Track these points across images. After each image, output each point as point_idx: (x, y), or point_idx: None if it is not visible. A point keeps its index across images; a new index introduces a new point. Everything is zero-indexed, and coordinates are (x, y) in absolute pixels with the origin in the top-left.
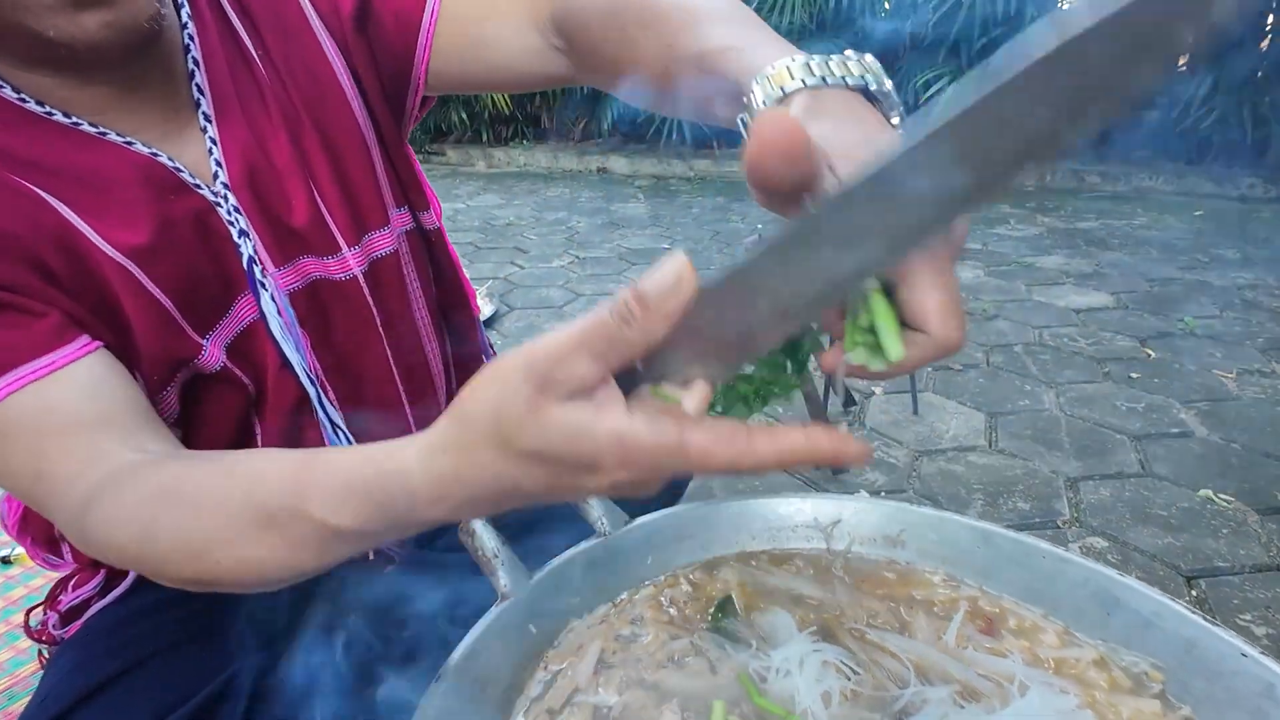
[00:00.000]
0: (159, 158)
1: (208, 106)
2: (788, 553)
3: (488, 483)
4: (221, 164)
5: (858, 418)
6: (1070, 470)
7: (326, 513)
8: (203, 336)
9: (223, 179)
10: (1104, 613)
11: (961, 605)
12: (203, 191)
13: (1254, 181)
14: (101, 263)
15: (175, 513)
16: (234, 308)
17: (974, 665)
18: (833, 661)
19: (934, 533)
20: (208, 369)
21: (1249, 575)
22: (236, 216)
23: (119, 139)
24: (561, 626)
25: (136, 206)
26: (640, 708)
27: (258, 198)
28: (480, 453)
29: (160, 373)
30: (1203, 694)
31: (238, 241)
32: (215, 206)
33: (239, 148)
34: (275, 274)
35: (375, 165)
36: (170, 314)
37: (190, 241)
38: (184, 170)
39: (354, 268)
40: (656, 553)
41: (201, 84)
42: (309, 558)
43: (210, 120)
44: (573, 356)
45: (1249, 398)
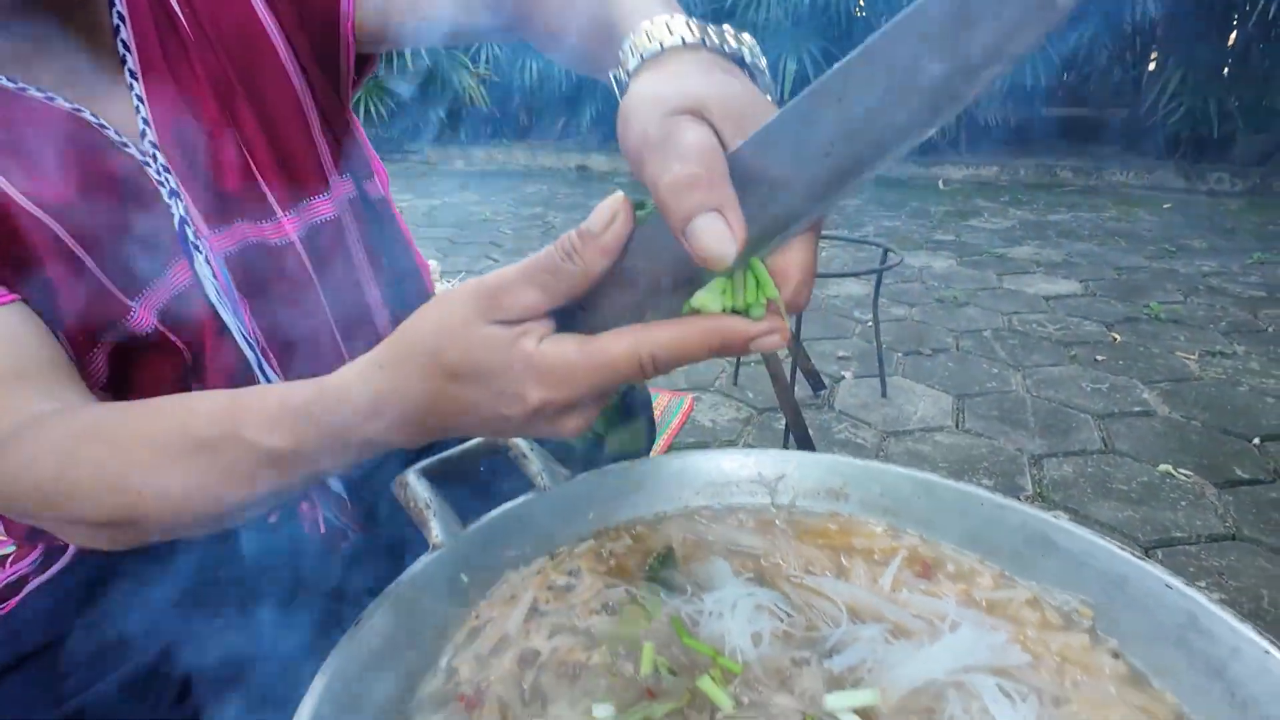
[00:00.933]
0: (82, 113)
1: (133, 63)
2: (731, 508)
3: (419, 399)
4: (149, 122)
5: (827, 401)
6: (1034, 448)
7: (260, 433)
8: (131, 298)
9: (151, 138)
10: (1039, 555)
11: (900, 552)
12: (130, 150)
13: (1221, 175)
14: (19, 217)
15: (96, 447)
16: (168, 271)
17: (907, 606)
18: (766, 605)
19: (877, 484)
20: (139, 332)
21: (1205, 544)
22: (166, 176)
23: (39, 94)
24: (496, 578)
25: (60, 162)
26: (569, 651)
27: (187, 158)
28: (414, 367)
29: (87, 333)
30: (1130, 627)
31: (168, 202)
32: (143, 166)
33: (167, 105)
34: (209, 236)
35: (313, 130)
36: (93, 273)
37: (116, 202)
38: (109, 128)
39: (290, 233)
40: (598, 508)
41: (127, 39)
42: (238, 487)
43: (137, 77)
44: (517, 286)
45: (1210, 378)
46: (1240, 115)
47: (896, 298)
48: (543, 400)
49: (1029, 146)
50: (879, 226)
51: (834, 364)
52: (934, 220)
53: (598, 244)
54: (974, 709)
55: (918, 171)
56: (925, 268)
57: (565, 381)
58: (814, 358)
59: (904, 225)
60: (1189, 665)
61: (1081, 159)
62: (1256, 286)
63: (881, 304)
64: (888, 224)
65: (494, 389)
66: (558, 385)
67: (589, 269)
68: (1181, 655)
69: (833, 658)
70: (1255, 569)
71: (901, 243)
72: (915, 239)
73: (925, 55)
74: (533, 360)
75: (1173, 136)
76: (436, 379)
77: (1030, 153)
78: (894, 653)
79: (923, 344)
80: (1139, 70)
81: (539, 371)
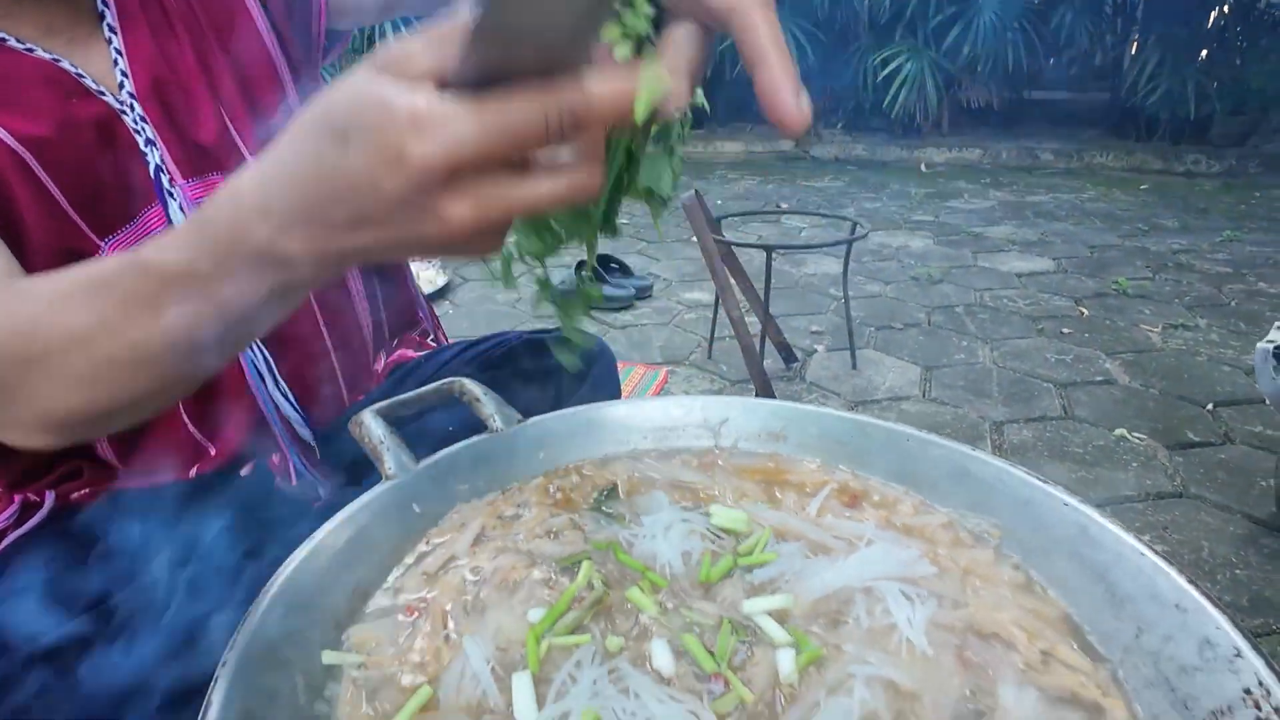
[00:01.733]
0: (60, 63)
1: (112, 17)
2: (677, 449)
3: (301, 174)
4: (127, 74)
5: (799, 373)
6: (997, 415)
7: (155, 252)
8: (101, 239)
9: (129, 89)
10: (957, 484)
11: (830, 484)
12: (107, 99)
13: (1198, 157)
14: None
15: (7, 299)
16: (140, 217)
17: (830, 530)
18: (698, 529)
19: (814, 427)
20: None
21: (1152, 502)
22: (143, 125)
23: (18, 45)
24: (448, 509)
25: (37, 104)
26: (511, 568)
27: (165, 109)
28: (302, 130)
29: (50, 266)
30: (1032, 543)
31: (144, 150)
32: (120, 115)
33: (145, 59)
34: (184, 185)
35: (286, 88)
36: (63, 209)
37: (92, 145)
38: (86, 77)
39: None
40: (548, 449)
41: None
42: (140, 318)
43: (115, 31)
44: (421, 41)
45: (1171, 349)
46: (1217, 97)
47: (873, 275)
48: (423, 159)
49: (1012, 129)
50: (860, 208)
51: (808, 338)
52: (914, 202)
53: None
54: (877, 610)
55: (901, 155)
56: (903, 247)
57: (450, 132)
58: (789, 332)
59: (884, 206)
60: (1079, 572)
61: (1063, 141)
62: (1223, 263)
63: (857, 281)
64: (869, 205)
65: (374, 144)
66: (440, 137)
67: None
68: (1073, 564)
69: (753, 571)
70: (1198, 523)
71: (881, 223)
72: (895, 219)
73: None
74: (415, 112)
75: (1152, 118)
76: (320, 141)
77: (1013, 136)
78: (811, 566)
79: (895, 319)
80: (1120, 52)
81: (419, 121)
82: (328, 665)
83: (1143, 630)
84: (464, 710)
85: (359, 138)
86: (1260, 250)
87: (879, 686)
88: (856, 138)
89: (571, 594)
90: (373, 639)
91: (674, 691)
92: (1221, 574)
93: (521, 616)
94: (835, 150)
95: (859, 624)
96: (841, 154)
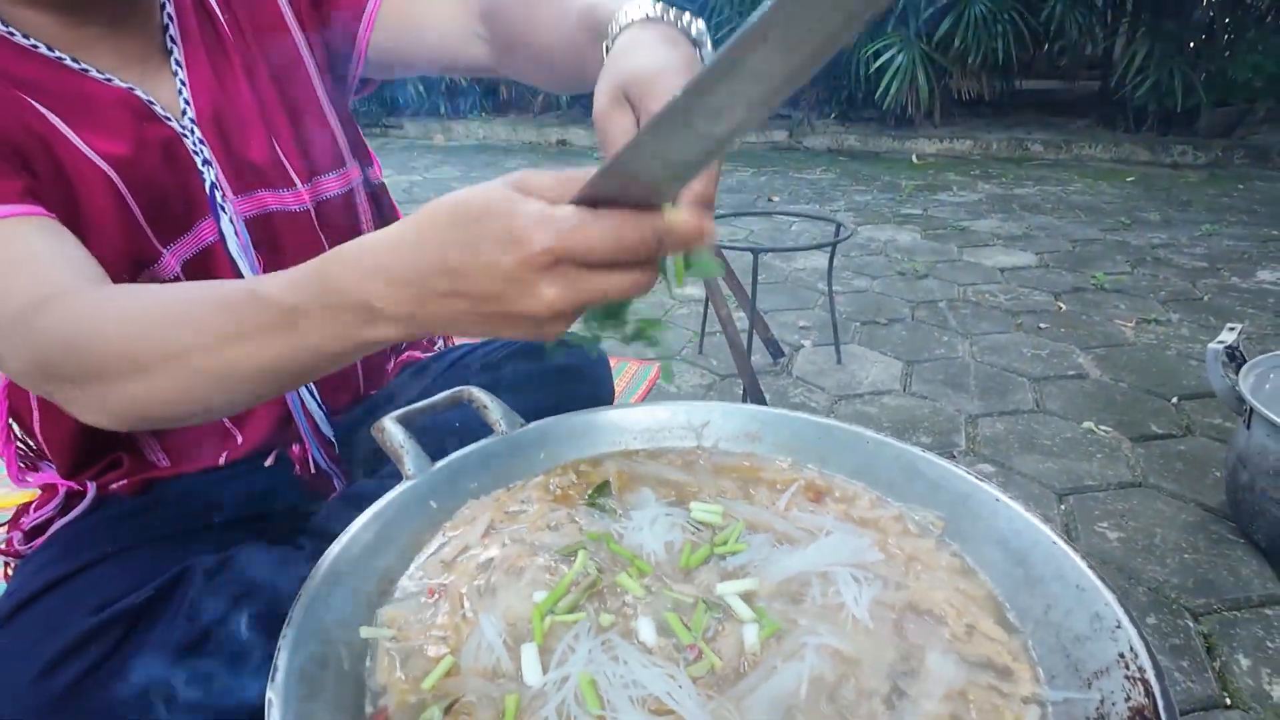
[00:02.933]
0: (134, 91)
1: (179, 53)
2: (663, 449)
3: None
4: (190, 102)
5: (785, 368)
6: (972, 409)
7: (273, 287)
8: (164, 246)
9: (190, 115)
10: (908, 480)
11: (798, 481)
12: (172, 124)
13: (1185, 148)
14: (81, 165)
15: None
16: (195, 228)
17: (795, 522)
18: (680, 522)
19: (786, 429)
20: (163, 278)
21: (1113, 491)
22: (201, 148)
23: (99, 75)
24: (460, 504)
25: (116, 125)
26: (516, 556)
27: (220, 133)
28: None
29: (119, 273)
30: (970, 533)
31: (202, 169)
32: (183, 137)
33: (205, 89)
34: (234, 201)
35: (329, 120)
36: (137, 219)
37: (159, 164)
38: (156, 104)
39: (307, 201)
40: (548, 449)
41: (174, 34)
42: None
43: (180, 65)
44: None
45: (1142, 343)
46: (1204, 89)
47: (860, 270)
48: (542, 245)
49: (1002, 120)
50: (850, 201)
51: (795, 333)
52: (903, 195)
53: None
54: (830, 591)
55: (893, 145)
56: (890, 241)
57: (572, 228)
58: (776, 327)
59: (874, 199)
60: (1004, 557)
61: (1053, 132)
62: (1200, 258)
63: (844, 276)
64: (859, 198)
65: (500, 225)
66: (562, 231)
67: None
68: (1000, 550)
69: (726, 559)
70: (1153, 511)
71: (870, 217)
72: (884, 213)
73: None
74: (545, 209)
75: (1140, 109)
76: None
77: (1003, 127)
78: (777, 554)
79: (880, 314)
80: (1109, 43)
81: (546, 215)
82: (365, 638)
83: (1050, 606)
84: (481, 675)
85: (490, 220)
86: (1236, 245)
87: (826, 654)
88: (849, 128)
89: (570, 579)
90: (401, 617)
91: (656, 659)
92: (1171, 558)
93: (527, 597)
94: (828, 141)
95: (814, 602)
96: (834, 144)
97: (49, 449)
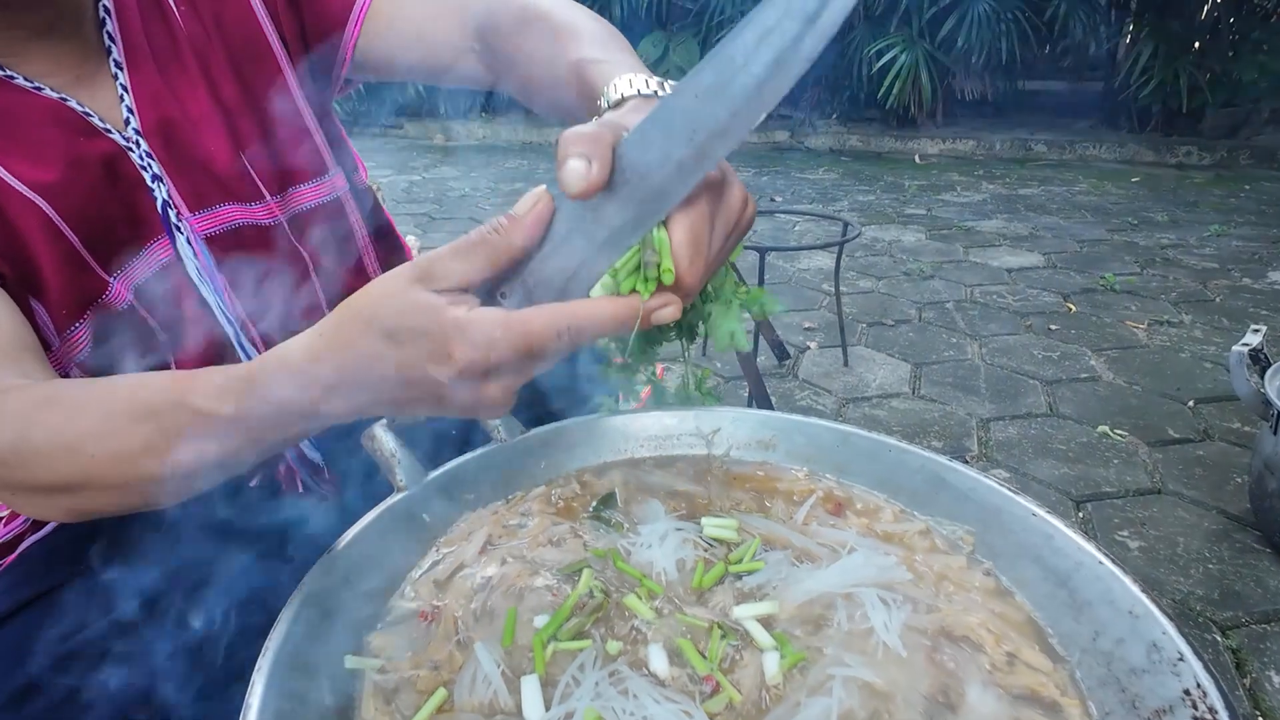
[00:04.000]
0: (68, 102)
1: (119, 54)
2: (672, 458)
3: (355, 360)
4: (133, 111)
5: (791, 370)
6: (984, 412)
7: (204, 400)
8: (109, 274)
9: (134, 125)
10: (934, 492)
11: (816, 493)
12: (113, 136)
13: (1190, 149)
14: (8, 196)
15: (53, 414)
16: (145, 250)
17: (815, 537)
18: (692, 537)
19: (801, 436)
20: (115, 307)
21: (1131, 498)
22: (149, 162)
23: (26, 84)
24: (456, 518)
25: (46, 145)
26: (516, 575)
27: (171, 145)
28: (352, 330)
29: (67, 308)
30: (1002, 549)
31: (151, 186)
32: (126, 151)
33: (151, 96)
34: (191, 218)
35: (308, 125)
36: (77, 250)
37: (99, 183)
38: (93, 115)
39: (279, 214)
40: (550, 458)
41: (113, 32)
42: (185, 453)
43: (121, 68)
44: (448, 258)
45: (1156, 345)
46: (1209, 89)
47: (865, 271)
48: (468, 360)
49: (1005, 120)
50: (854, 201)
51: (800, 335)
52: (907, 195)
53: (521, 223)
54: (857, 615)
55: (895, 145)
56: (895, 241)
57: (489, 344)
58: (782, 329)
59: (878, 199)
60: (1043, 577)
61: (1056, 133)
62: (1210, 258)
63: (850, 277)
64: (862, 198)
65: (424, 348)
66: (482, 347)
67: (512, 243)
68: (1038, 570)
69: (742, 578)
70: (1174, 519)
71: (874, 217)
72: (888, 213)
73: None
74: (459, 322)
75: (1144, 110)
76: (372, 340)
77: (1006, 127)
78: (797, 573)
79: (886, 315)
80: (1114, 43)
81: (465, 332)
82: (350, 669)
83: (1099, 634)
84: (477, 710)
85: (411, 340)
86: (1246, 246)
87: (855, 687)
88: (851, 128)
89: (574, 600)
90: (390, 644)
91: (669, 692)
92: (1195, 569)
93: (527, 622)
94: (830, 141)
95: (839, 628)
96: (836, 145)
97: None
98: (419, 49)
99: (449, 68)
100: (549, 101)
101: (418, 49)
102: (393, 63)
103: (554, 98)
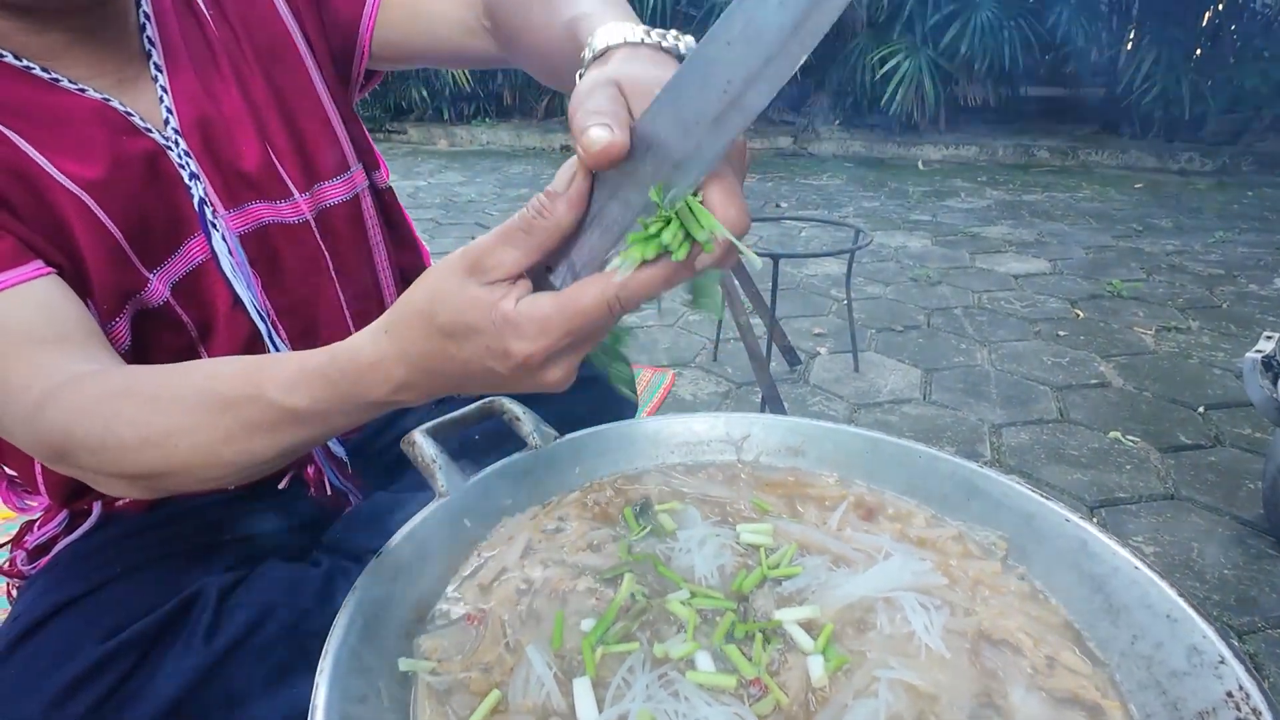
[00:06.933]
0: (110, 103)
1: (159, 57)
2: (702, 464)
3: (420, 358)
4: (172, 111)
5: (802, 375)
6: (995, 418)
7: (281, 394)
8: (150, 271)
9: (174, 125)
10: (966, 498)
11: (847, 498)
12: (154, 135)
13: (1192, 155)
14: (56, 192)
15: (135, 404)
16: (183, 247)
17: (850, 542)
18: (729, 543)
19: (830, 442)
20: (152, 304)
21: (1145, 504)
22: (187, 160)
23: (71, 85)
24: (495, 522)
25: (91, 144)
26: (559, 580)
27: (207, 144)
28: (413, 330)
29: (110, 302)
30: (1036, 555)
31: (189, 184)
32: (166, 150)
33: (188, 96)
34: (225, 216)
35: (331, 122)
36: (121, 246)
37: (141, 181)
38: (135, 115)
39: (305, 212)
40: (584, 464)
41: (153, 36)
42: (263, 442)
43: (161, 70)
44: (496, 247)
45: (1164, 351)
46: (1211, 95)
47: (872, 276)
48: (525, 354)
49: (1008, 127)
50: (858, 207)
51: (810, 340)
52: (912, 201)
53: (564, 199)
54: (897, 619)
55: (899, 152)
56: (901, 248)
57: (543, 333)
58: (791, 334)
59: (882, 206)
60: (1079, 582)
61: (1059, 139)
62: (1216, 265)
63: (857, 283)
64: (867, 204)
65: (482, 345)
66: (536, 337)
67: (559, 221)
68: (1073, 575)
69: (782, 583)
70: (1188, 525)
71: (879, 223)
72: (893, 219)
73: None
74: (511, 318)
75: (1147, 116)
76: (434, 339)
77: (1009, 133)
78: (835, 578)
79: (895, 321)
80: (1116, 50)
81: (518, 327)
82: (404, 670)
83: (1137, 637)
84: (531, 712)
85: (469, 337)
86: (1251, 252)
87: (901, 689)
88: (855, 135)
89: (618, 604)
90: (440, 646)
91: (720, 695)
92: (1210, 574)
93: (573, 626)
94: (834, 147)
95: (881, 631)
96: (840, 151)
97: (43, 486)
98: (432, 32)
99: (463, 48)
100: (551, 69)
101: (431, 33)
102: (409, 49)
103: (555, 65)
